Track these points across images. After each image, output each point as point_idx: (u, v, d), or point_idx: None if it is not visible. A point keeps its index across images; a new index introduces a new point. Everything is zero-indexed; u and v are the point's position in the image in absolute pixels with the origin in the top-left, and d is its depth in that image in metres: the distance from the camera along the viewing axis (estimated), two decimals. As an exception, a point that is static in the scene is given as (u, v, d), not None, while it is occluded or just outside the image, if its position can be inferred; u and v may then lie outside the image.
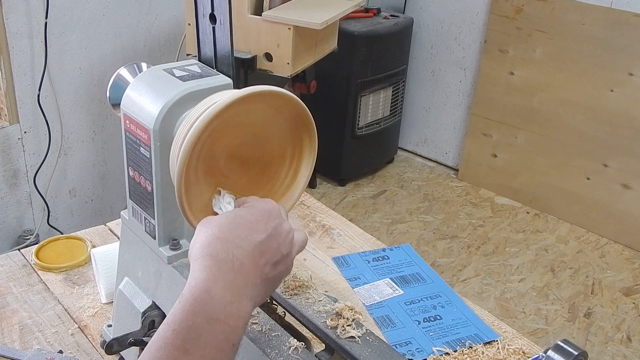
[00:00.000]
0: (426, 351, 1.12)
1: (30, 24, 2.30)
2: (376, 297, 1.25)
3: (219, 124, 0.71)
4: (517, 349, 1.12)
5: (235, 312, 0.64)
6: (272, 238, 0.70)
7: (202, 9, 0.86)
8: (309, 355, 0.83)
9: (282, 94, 0.74)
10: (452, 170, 3.73)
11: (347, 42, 2.96)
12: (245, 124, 0.76)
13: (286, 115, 0.78)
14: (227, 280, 0.64)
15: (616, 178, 3.07)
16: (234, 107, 0.71)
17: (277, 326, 0.86)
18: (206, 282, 0.63)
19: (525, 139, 3.33)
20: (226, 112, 0.70)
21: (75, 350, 1.07)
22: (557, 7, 3.06)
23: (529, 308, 2.66)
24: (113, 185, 2.82)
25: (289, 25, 2.21)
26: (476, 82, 3.46)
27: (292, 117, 0.78)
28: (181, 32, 2.67)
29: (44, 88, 2.40)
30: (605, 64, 2.98)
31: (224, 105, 0.70)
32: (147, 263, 0.91)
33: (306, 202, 1.56)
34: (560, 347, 0.78)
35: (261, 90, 0.72)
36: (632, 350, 2.48)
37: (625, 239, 3.09)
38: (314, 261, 1.35)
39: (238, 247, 0.67)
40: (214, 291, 0.63)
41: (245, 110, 0.74)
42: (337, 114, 3.33)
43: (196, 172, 0.74)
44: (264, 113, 0.77)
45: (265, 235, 0.69)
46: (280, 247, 0.70)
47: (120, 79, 0.89)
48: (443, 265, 2.89)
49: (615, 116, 3.00)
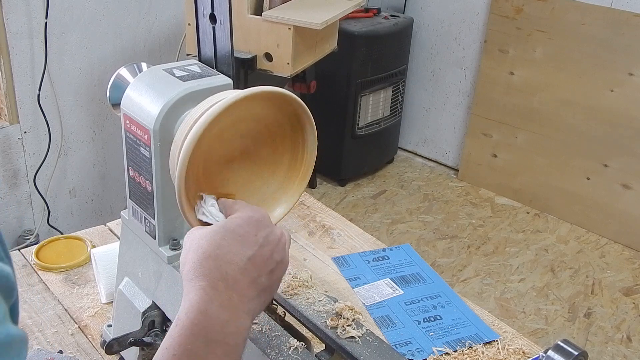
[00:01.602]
0: (426, 351, 1.12)
1: (30, 24, 2.30)
2: (376, 297, 1.25)
3: (219, 124, 0.71)
4: (517, 349, 1.12)
5: (233, 331, 0.63)
6: (264, 248, 0.68)
7: (202, 9, 0.86)
8: (309, 355, 0.83)
9: (283, 94, 0.74)
10: (452, 170, 3.73)
11: (347, 42, 2.95)
12: (245, 124, 0.76)
13: (286, 116, 0.78)
14: (222, 300, 0.64)
15: (616, 178, 3.07)
16: (234, 107, 0.71)
17: (277, 326, 0.86)
18: (201, 304, 0.63)
19: (525, 139, 3.33)
20: (227, 112, 0.70)
21: (75, 350, 1.07)
22: (557, 7, 3.06)
23: (529, 308, 2.66)
24: (113, 185, 2.81)
25: (289, 25, 2.21)
26: (476, 82, 3.46)
27: (292, 117, 0.78)
28: (181, 32, 2.67)
29: (44, 88, 2.40)
30: (605, 64, 2.98)
31: (224, 106, 0.70)
32: (147, 263, 0.91)
33: (306, 202, 1.56)
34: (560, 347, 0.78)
35: (262, 91, 0.72)
36: (632, 350, 2.48)
37: (625, 239, 3.09)
38: (314, 261, 1.35)
39: (230, 263, 0.66)
40: (210, 312, 0.63)
41: (245, 110, 0.74)
42: (337, 114, 3.33)
43: (196, 172, 0.74)
44: (265, 113, 0.77)
45: (257, 247, 0.68)
46: (274, 255, 0.69)
47: (120, 79, 0.89)
48: (443, 265, 2.89)
49: (615, 116, 3.00)
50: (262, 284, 0.68)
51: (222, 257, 0.66)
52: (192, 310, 0.63)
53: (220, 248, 0.66)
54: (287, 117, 0.78)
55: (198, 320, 0.62)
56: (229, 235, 0.68)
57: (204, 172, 0.76)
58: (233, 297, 0.65)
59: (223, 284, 0.65)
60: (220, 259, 0.66)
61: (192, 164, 0.72)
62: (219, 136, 0.74)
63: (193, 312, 0.62)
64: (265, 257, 0.68)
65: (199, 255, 0.66)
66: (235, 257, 0.66)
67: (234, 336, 0.63)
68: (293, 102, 0.76)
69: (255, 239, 0.68)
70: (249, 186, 0.81)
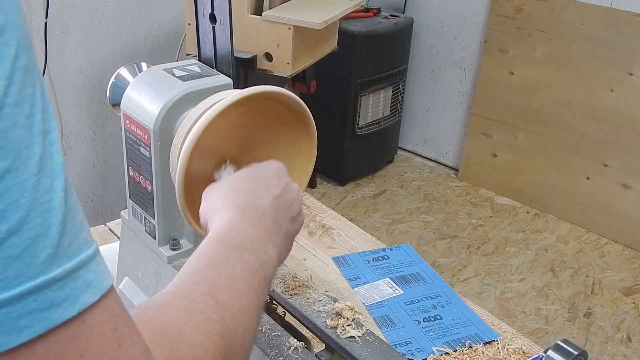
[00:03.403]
0: (426, 351, 1.12)
1: (30, 24, 2.30)
2: (376, 297, 1.25)
3: (219, 124, 0.71)
4: (517, 348, 1.12)
5: (262, 249, 0.61)
6: (287, 193, 0.69)
7: (202, 9, 0.86)
8: (309, 355, 0.83)
9: (283, 94, 0.74)
10: (452, 170, 3.73)
11: (347, 42, 2.95)
12: (245, 124, 0.76)
13: (287, 115, 0.78)
14: (252, 222, 0.62)
15: (616, 178, 3.07)
16: (234, 107, 0.71)
17: (277, 326, 0.86)
18: (231, 222, 0.61)
19: (525, 138, 3.33)
20: (227, 112, 0.70)
21: (75, 350, 1.07)
22: (557, 7, 3.06)
23: (529, 308, 2.66)
24: (113, 185, 2.82)
25: (289, 25, 2.21)
26: (476, 82, 3.46)
27: (292, 117, 0.78)
28: (181, 32, 2.67)
29: (44, 88, 2.40)
30: (605, 64, 2.98)
31: (224, 106, 0.70)
32: (147, 263, 0.91)
33: (306, 202, 1.56)
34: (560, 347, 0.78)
35: (262, 91, 0.72)
36: (632, 350, 2.48)
37: (625, 239, 3.09)
38: (314, 261, 1.35)
39: (258, 197, 0.66)
40: (240, 227, 0.61)
41: (245, 110, 0.74)
42: (337, 114, 3.33)
43: (196, 172, 0.74)
44: (265, 113, 0.77)
45: (280, 190, 0.68)
46: (294, 204, 0.70)
47: (120, 78, 0.89)
48: (443, 265, 2.89)
49: (615, 116, 3.00)
50: (286, 227, 0.67)
51: (250, 192, 0.66)
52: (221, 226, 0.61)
53: (246, 185, 0.66)
54: (287, 116, 0.78)
55: (226, 233, 0.60)
56: (254, 177, 0.68)
57: (204, 172, 0.76)
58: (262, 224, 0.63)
59: (252, 211, 0.64)
60: (248, 192, 0.66)
61: (192, 164, 0.72)
62: (219, 136, 0.74)
63: (222, 227, 0.61)
64: (288, 202, 0.68)
65: (225, 192, 0.66)
66: (262, 193, 0.66)
67: (262, 254, 0.60)
68: (293, 102, 0.76)
69: (278, 183, 0.69)
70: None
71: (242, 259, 0.58)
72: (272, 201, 0.66)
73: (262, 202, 0.65)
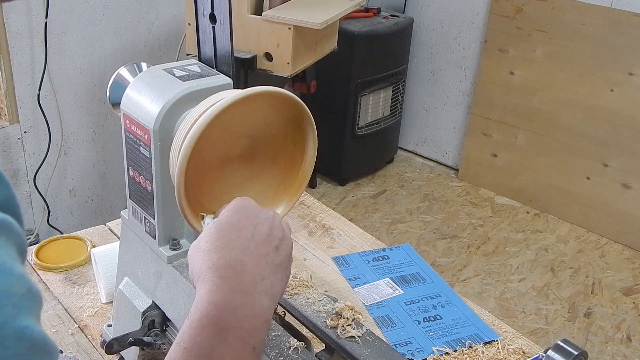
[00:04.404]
0: (426, 351, 1.12)
1: (30, 24, 2.30)
2: (376, 297, 1.25)
3: (219, 124, 0.71)
4: (517, 348, 1.12)
5: (248, 314, 0.62)
6: (261, 226, 0.69)
7: (202, 9, 0.86)
8: (309, 355, 0.83)
9: (283, 94, 0.74)
10: (452, 170, 3.73)
11: (347, 42, 2.95)
12: (245, 124, 0.76)
13: (286, 115, 0.78)
14: (232, 285, 0.63)
15: (616, 178, 3.07)
16: (234, 107, 0.71)
17: (277, 326, 0.86)
18: (210, 295, 0.62)
19: (525, 138, 3.33)
20: (227, 112, 0.70)
21: (75, 350, 1.07)
22: (557, 7, 3.06)
23: (529, 308, 2.66)
24: (113, 185, 2.82)
25: (289, 25, 2.21)
26: (476, 82, 3.46)
27: (292, 117, 0.78)
28: (181, 32, 2.67)
29: (44, 88, 2.40)
30: (605, 64, 2.98)
31: (224, 106, 0.70)
32: (147, 263, 0.91)
33: (306, 202, 1.56)
34: (560, 346, 0.78)
35: (262, 91, 0.72)
36: (632, 350, 2.48)
37: (625, 239, 3.09)
38: (314, 261, 1.35)
39: (232, 249, 0.66)
40: (218, 301, 0.62)
41: (245, 110, 0.74)
42: (337, 114, 3.33)
43: (196, 172, 0.74)
44: (265, 113, 0.77)
45: (253, 227, 0.68)
46: (273, 231, 0.70)
47: (120, 78, 0.89)
48: (443, 265, 2.89)
49: (615, 116, 3.00)
50: (272, 261, 0.68)
51: (223, 246, 0.66)
52: (201, 303, 0.62)
53: (218, 240, 0.67)
54: (287, 116, 0.78)
55: (207, 311, 0.61)
56: (222, 226, 0.68)
57: (204, 172, 0.76)
58: (243, 280, 0.64)
59: (230, 270, 0.64)
60: (221, 249, 0.66)
61: (192, 164, 0.72)
62: (219, 136, 0.74)
63: (202, 305, 0.62)
64: (265, 235, 0.69)
65: (201, 255, 0.66)
66: (236, 242, 0.67)
67: (249, 319, 0.62)
68: (293, 102, 0.76)
69: (249, 221, 0.69)
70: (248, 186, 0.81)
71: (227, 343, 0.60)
72: (247, 245, 0.67)
73: (237, 253, 0.66)
